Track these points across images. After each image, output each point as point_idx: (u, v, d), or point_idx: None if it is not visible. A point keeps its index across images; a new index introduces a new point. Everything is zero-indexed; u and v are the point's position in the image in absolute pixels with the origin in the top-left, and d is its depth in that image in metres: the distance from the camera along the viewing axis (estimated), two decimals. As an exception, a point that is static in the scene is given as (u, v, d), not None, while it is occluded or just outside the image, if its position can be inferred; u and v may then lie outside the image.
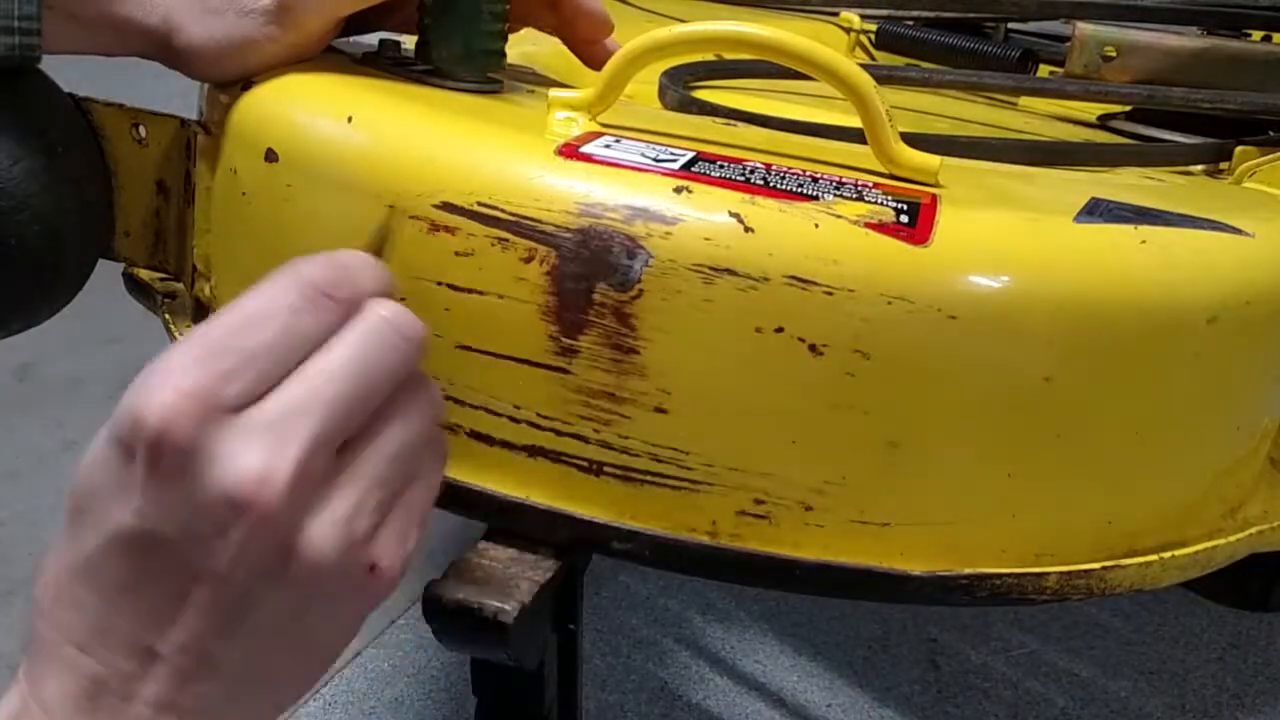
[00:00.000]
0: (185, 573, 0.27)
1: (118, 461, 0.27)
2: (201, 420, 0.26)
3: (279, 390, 0.27)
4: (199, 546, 0.27)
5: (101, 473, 0.27)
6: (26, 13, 0.37)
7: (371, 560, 0.29)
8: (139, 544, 0.27)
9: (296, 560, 0.27)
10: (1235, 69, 0.60)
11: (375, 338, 0.29)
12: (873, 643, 1.12)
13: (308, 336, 0.28)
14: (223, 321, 0.28)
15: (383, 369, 0.29)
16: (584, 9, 0.46)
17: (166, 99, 0.46)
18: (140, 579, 0.27)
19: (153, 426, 0.26)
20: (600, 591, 1.15)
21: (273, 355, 0.27)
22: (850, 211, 0.33)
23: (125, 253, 0.47)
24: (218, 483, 0.26)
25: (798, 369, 0.33)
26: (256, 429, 0.27)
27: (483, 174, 0.35)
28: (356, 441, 0.29)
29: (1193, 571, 0.40)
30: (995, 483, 0.35)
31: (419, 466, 0.30)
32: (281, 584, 0.28)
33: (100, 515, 0.27)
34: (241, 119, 0.40)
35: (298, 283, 0.29)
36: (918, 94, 0.67)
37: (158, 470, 0.26)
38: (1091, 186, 0.40)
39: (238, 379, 0.27)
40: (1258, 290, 0.37)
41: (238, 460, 0.26)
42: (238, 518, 0.26)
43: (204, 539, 0.27)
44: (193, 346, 0.27)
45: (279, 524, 0.27)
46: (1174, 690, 1.09)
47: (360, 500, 0.28)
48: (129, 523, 0.27)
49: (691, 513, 0.35)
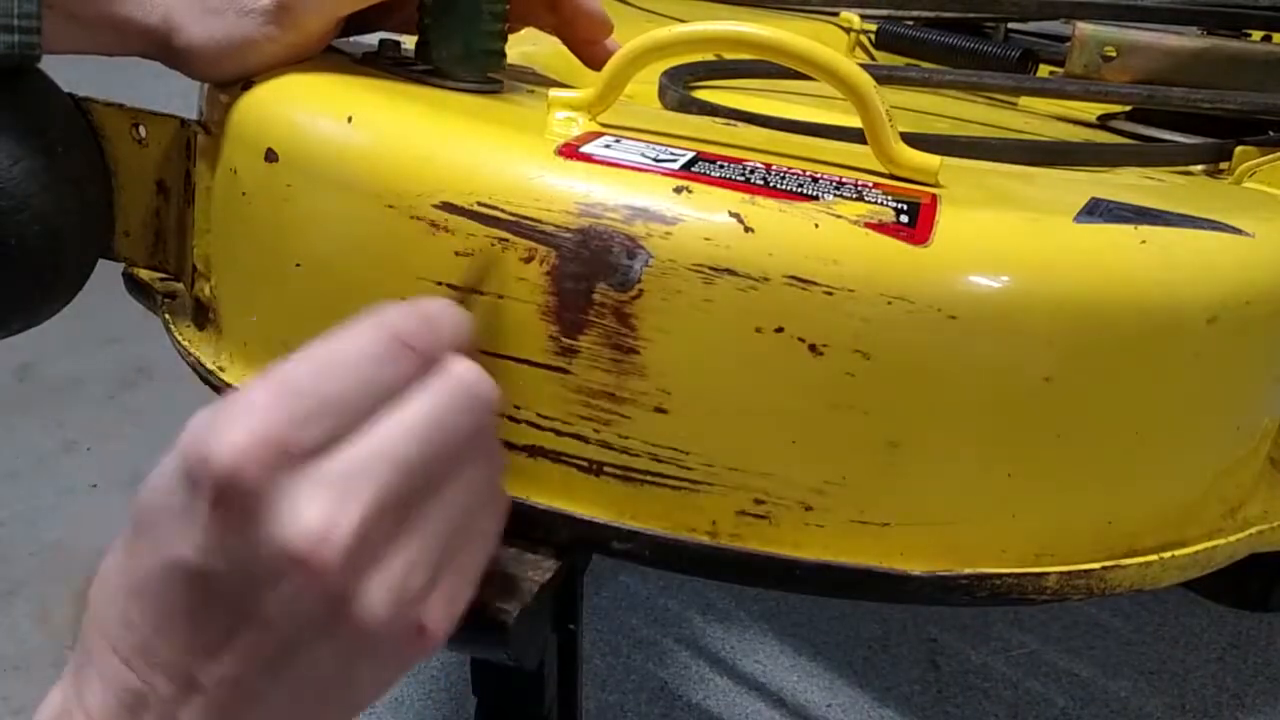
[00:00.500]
0: (235, 613, 0.27)
1: (183, 493, 0.26)
2: (271, 467, 0.26)
3: (350, 443, 0.27)
4: (251, 591, 0.27)
5: (165, 500, 0.27)
6: (26, 11, 0.37)
7: (421, 621, 0.28)
8: (193, 578, 0.27)
9: (347, 618, 0.27)
10: (1235, 69, 0.60)
11: (450, 400, 0.28)
12: (873, 643, 1.12)
13: (386, 388, 0.28)
14: (304, 363, 0.27)
15: (454, 432, 0.28)
16: (584, 9, 0.46)
17: (166, 99, 0.46)
18: (190, 610, 0.27)
19: (222, 467, 0.25)
20: (600, 591, 1.15)
21: (349, 405, 0.27)
22: (850, 211, 0.33)
23: (125, 253, 0.47)
24: (278, 534, 0.26)
25: (798, 369, 0.33)
26: (323, 482, 0.26)
27: (483, 174, 0.35)
28: (418, 500, 0.28)
29: (1193, 571, 0.40)
30: (995, 483, 0.35)
31: (476, 527, 0.30)
32: (328, 638, 0.27)
33: (159, 541, 0.27)
34: (241, 119, 0.40)
35: (382, 331, 0.28)
36: (918, 94, 0.67)
37: (221, 511, 0.26)
38: (1091, 186, 0.40)
39: (312, 426, 0.26)
40: (1258, 290, 0.37)
41: (300, 514, 0.26)
42: (292, 572, 0.26)
43: (257, 585, 0.26)
44: (271, 385, 0.26)
45: (333, 582, 0.26)
46: (1174, 690, 1.09)
47: (416, 561, 0.28)
48: (186, 555, 0.26)
49: (691, 513, 0.35)
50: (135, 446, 1.31)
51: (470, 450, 0.29)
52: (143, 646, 0.27)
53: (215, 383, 0.42)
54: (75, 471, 1.27)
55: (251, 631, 0.27)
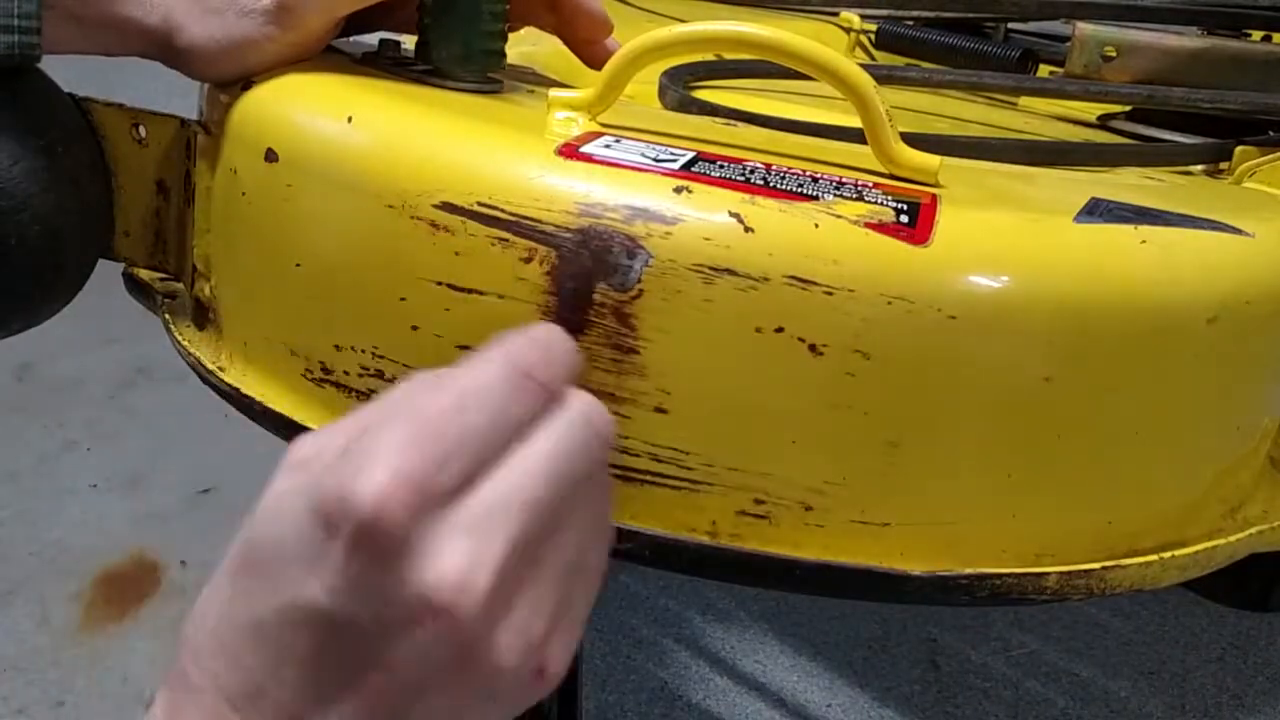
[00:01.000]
0: (359, 658, 0.26)
1: (315, 533, 0.25)
2: (414, 510, 0.25)
3: (484, 483, 0.26)
4: (383, 638, 0.26)
5: (294, 540, 0.26)
6: (26, 11, 0.37)
7: (542, 664, 0.28)
8: (320, 622, 0.26)
9: (476, 665, 0.26)
10: (1235, 69, 0.60)
11: (574, 435, 0.28)
12: (873, 643, 1.12)
13: (514, 424, 0.27)
14: (435, 398, 0.27)
15: (579, 469, 0.28)
16: (584, 9, 0.46)
17: (166, 99, 0.46)
18: (312, 656, 0.26)
19: (366, 510, 0.25)
20: (600, 591, 1.15)
21: (483, 442, 0.27)
22: (850, 211, 0.33)
23: (125, 253, 0.47)
24: (418, 581, 0.25)
25: (798, 369, 0.33)
26: (460, 526, 0.26)
27: (483, 174, 0.35)
28: (543, 540, 0.28)
29: (1193, 571, 0.40)
30: (995, 483, 0.35)
31: (589, 563, 0.30)
32: (453, 684, 0.27)
33: (283, 582, 0.26)
34: (241, 119, 0.40)
35: (508, 366, 0.28)
36: (918, 94, 0.67)
37: (361, 555, 0.25)
38: (1091, 186, 0.40)
39: (450, 466, 0.26)
40: (1258, 290, 0.37)
41: (441, 560, 0.25)
42: (431, 620, 0.25)
43: (388, 630, 0.26)
44: (407, 423, 0.26)
45: (469, 631, 0.26)
46: (1174, 690, 1.09)
47: (541, 604, 0.27)
48: (315, 598, 0.26)
49: (691, 513, 0.35)
50: (135, 446, 1.31)
51: (588, 486, 0.29)
52: (254, 689, 0.26)
53: (215, 383, 0.42)
54: (75, 471, 1.27)
55: (376, 679, 0.26)
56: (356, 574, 0.25)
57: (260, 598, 0.26)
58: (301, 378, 0.39)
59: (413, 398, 0.27)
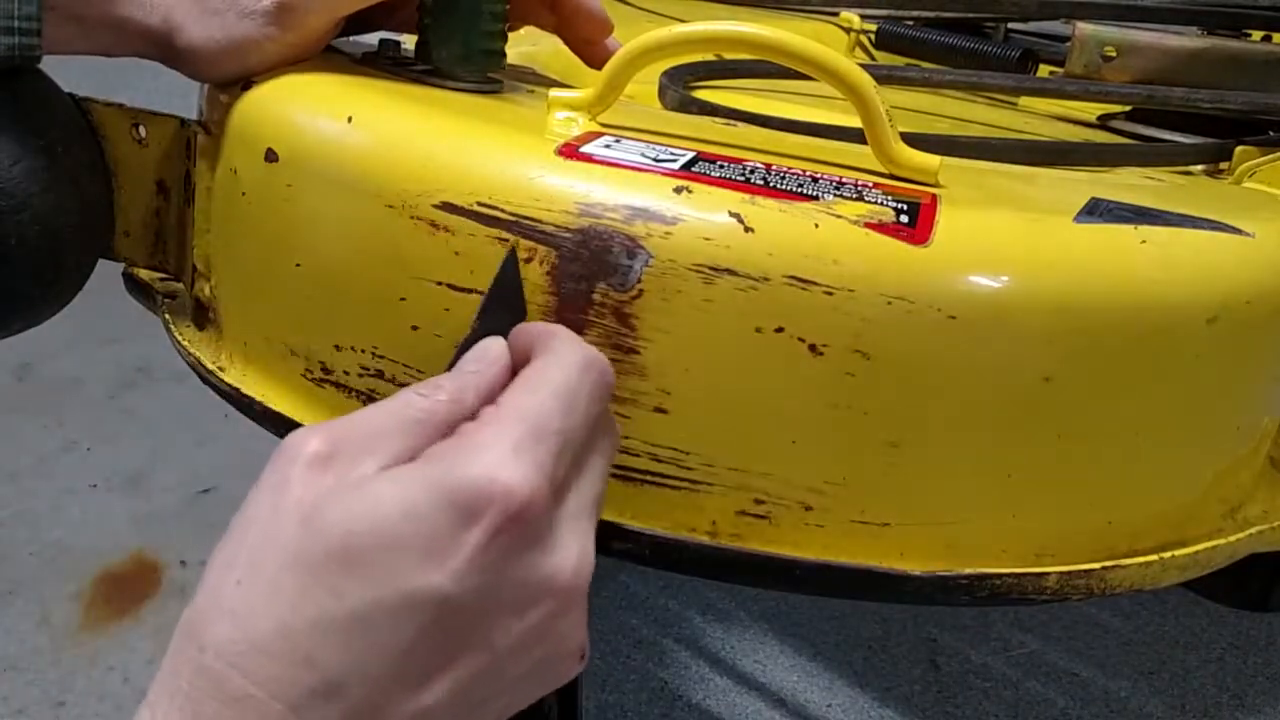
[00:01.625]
0: (463, 641, 0.27)
1: (447, 524, 0.27)
2: (551, 502, 0.28)
3: (578, 477, 0.30)
4: (494, 620, 0.27)
5: (414, 531, 0.27)
6: (26, 13, 0.37)
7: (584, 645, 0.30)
8: (436, 607, 0.27)
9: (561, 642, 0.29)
10: (1235, 69, 0.60)
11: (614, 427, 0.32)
12: (872, 643, 1.12)
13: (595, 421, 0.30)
14: (541, 399, 0.29)
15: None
16: (584, 8, 0.46)
17: (166, 99, 0.46)
18: (412, 644, 0.27)
19: (516, 502, 0.27)
20: (600, 591, 1.15)
21: (579, 441, 0.29)
22: (850, 211, 0.33)
23: (125, 253, 0.47)
24: (544, 566, 0.28)
25: (798, 369, 0.33)
26: (571, 515, 0.29)
27: (483, 174, 0.35)
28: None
29: (1193, 571, 0.40)
30: (995, 483, 0.35)
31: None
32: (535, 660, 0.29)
33: (394, 571, 0.26)
34: (241, 119, 0.40)
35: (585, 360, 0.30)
36: (918, 94, 0.67)
37: (501, 542, 0.27)
38: (1091, 186, 0.40)
39: (564, 462, 0.29)
40: (1258, 290, 0.37)
41: (562, 548, 0.28)
42: (546, 602, 0.28)
43: (505, 613, 0.28)
44: (520, 422, 0.28)
45: (574, 612, 0.29)
46: (1174, 690, 1.09)
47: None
48: (437, 585, 0.26)
49: (691, 513, 0.35)
50: (135, 446, 1.31)
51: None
52: (326, 687, 0.26)
53: (215, 383, 0.42)
54: (75, 471, 1.27)
55: (473, 659, 0.28)
56: (490, 561, 0.27)
57: (358, 592, 0.27)
58: (301, 378, 0.39)
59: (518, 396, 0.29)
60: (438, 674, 0.27)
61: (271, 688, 0.26)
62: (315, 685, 0.26)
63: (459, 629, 0.27)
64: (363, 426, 0.29)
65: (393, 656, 0.27)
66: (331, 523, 0.27)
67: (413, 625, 0.27)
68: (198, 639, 0.27)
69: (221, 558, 0.28)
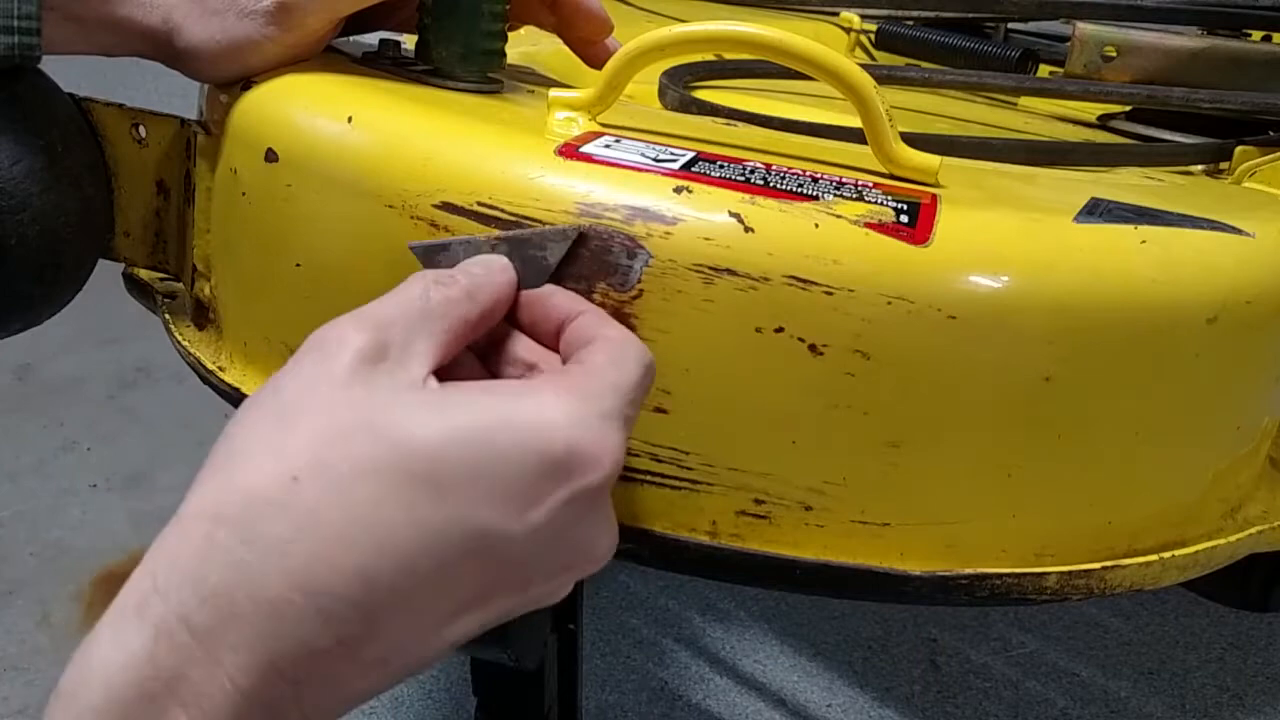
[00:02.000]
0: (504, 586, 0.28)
1: (534, 474, 0.27)
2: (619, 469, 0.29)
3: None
4: (535, 572, 0.29)
5: (503, 472, 0.27)
6: (26, 13, 0.37)
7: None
8: (500, 548, 0.27)
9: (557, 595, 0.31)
10: (1235, 69, 0.60)
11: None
12: (873, 643, 1.12)
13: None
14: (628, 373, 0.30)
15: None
16: (584, 9, 0.46)
17: (166, 99, 0.46)
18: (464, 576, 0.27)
19: (604, 471, 0.28)
20: (600, 591, 1.15)
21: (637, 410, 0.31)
22: (850, 211, 0.33)
23: (125, 253, 0.47)
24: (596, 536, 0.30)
25: (798, 369, 0.33)
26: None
27: (483, 174, 0.35)
28: None
29: (1193, 571, 0.40)
30: (995, 483, 0.35)
31: None
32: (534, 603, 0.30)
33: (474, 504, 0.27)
34: (241, 119, 0.40)
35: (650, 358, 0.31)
36: (918, 94, 0.67)
37: (578, 506, 0.28)
38: (1091, 186, 0.40)
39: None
40: (1258, 290, 0.37)
41: (611, 522, 0.30)
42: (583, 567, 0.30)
43: (546, 569, 0.29)
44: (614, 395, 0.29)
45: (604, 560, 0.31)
46: (1174, 690, 1.09)
47: None
48: (510, 528, 0.27)
49: (691, 513, 0.35)
50: (135, 446, 1.31)
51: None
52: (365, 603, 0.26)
53: (215, 383, 0.42)
54: (75, 471, 1.27)
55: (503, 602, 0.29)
56: (564, 520, 0.28)
57: (431, 515, 0.26)
58: (301, 378, 0.39)
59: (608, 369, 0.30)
60: (466, 612, 0.28)
61: (319, 600, 0.25)
62: (359, 599, 0.26)
63: (506, 575, 0.28)
64: (397, 317, 0.29)
65: (439, 586, 0.27)
66: (417, 440, 0.26)
67: (473, 561, 0.27)
68: (236, 528, 0.25)
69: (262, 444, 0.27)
